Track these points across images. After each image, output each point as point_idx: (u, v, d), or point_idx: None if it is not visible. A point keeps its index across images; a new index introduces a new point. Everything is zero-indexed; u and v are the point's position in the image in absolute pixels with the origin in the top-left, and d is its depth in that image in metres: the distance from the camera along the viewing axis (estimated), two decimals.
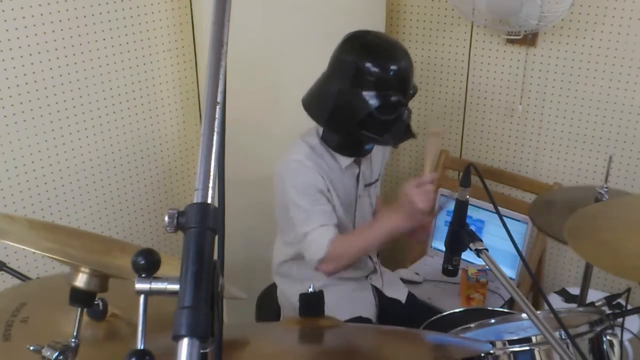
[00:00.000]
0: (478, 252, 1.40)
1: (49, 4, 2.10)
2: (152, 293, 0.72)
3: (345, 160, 1.99)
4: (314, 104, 1.95)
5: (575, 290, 2.51)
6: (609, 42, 2.43)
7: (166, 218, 0.69)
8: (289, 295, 2.13)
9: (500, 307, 2.33)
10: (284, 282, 2.17)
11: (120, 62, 2.35)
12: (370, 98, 1.84)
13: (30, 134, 2.16)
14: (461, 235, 1.46)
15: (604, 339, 1.52)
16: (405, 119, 1.88)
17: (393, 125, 1.88)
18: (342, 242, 1.89)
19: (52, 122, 2.21)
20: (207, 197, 0.71)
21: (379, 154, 2.12)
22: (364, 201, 2.11)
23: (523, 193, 2.72)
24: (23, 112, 2.13)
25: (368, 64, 1.84)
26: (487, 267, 1.65)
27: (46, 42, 2.13)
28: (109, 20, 2.28)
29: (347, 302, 2.06)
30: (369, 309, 2.13)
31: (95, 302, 1.23)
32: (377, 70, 1.84)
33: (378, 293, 2.19)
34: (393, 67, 1.85)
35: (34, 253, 1.27)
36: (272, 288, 2.25)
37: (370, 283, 2.19)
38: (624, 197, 2.01)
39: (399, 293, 2.23)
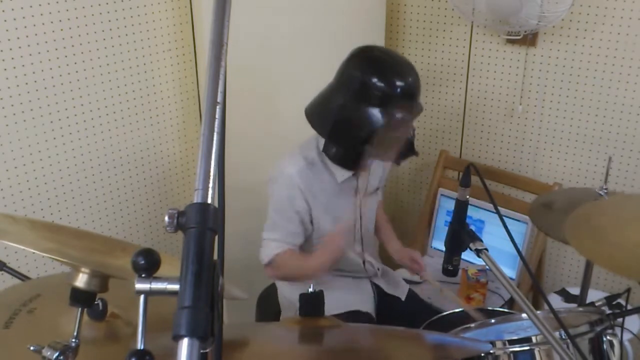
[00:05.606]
0: (478, 252, 1.41)
1: (49, 4, 2.10)
2: (152, 293, 0.72)
3: (343, 174, 1.98)
4: (318, 115, 1.94)
5: (575, 290, 2.50)
6: (609, 42, 2.43)
7: (166, 218, 0.69)
8: (287, 294, 2.14)
9: (500, 307, 2.33)
10: (282, 282, 2.17)
11: (120, 62, 2.35)
12: (376, 115, 1.84)
13: (30, 134, 2.16)
14: (462, 235, 1.46)
15: (604, 339, 1.52)
16: (410, 137, 1.89)
17: (397, 143, 1.89)
18: (287, 261, 1.96)
19: (52, 122, 2.21)
20: (207, 197, 0.71)
21: (378, 165, 2.12)
22: (365, 211, 2.12)
23: (523, 193, 2.72)
24: (23, 112, 2.13)
25: (375, 80, 1.83)
26: (487, 267, 1.65)
27: (46, 42, 2.12)
28: (109, 20, 2.28)
29: (346, 295, 2.07)
30: (367, 303, 2.14)
31: (96, 302, 1.23)
32: (384, 86, 1.83)
33: (377, 289, 2.19)
34: (400, 84, 1.84)
35: (34, 253, 1.27)
36: (272, 288, 2.25)
37: (370, 280, 2.19)
38: (626, 195, 2.01)
39: (399, 291, 2.23)
